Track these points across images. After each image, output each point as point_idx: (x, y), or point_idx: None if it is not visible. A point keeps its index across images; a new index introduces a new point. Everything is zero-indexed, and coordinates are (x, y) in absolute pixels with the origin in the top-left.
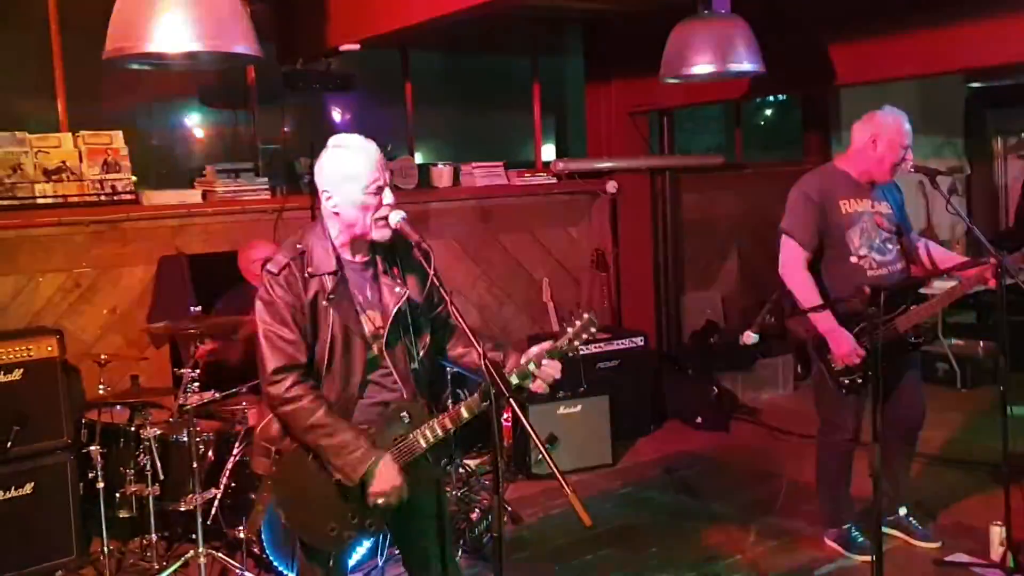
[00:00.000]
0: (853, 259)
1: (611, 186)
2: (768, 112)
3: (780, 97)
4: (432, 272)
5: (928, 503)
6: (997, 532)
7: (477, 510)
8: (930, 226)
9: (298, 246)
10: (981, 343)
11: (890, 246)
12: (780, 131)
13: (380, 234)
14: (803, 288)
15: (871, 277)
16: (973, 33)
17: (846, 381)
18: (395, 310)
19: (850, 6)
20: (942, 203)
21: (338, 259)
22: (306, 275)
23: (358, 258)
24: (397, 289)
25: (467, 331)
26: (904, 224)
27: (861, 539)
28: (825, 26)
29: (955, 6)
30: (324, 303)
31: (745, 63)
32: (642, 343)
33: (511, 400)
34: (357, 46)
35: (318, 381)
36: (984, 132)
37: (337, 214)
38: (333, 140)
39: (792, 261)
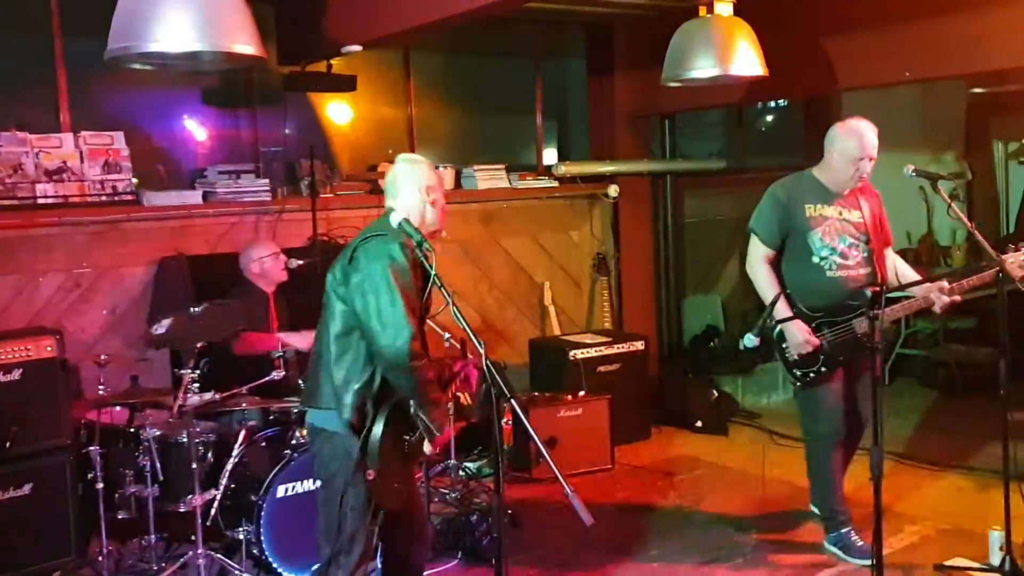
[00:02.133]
0: (814, 259)
1: (613, 190)
2: (770, 117)
3: (782, 102)
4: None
5: (929, 507)
6: (996, 537)
7: (477, 512)
8: (931, 231)
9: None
10: (982, 349)
11: (854, 252)
12: (782, 136)
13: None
14: (763, 282)
15: (829, 279)
16: (974, 38)
17: (798, 373)
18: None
19: (852, 10)
20: (943, 208)
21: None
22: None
23: None
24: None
25: (468, 330)
26: (880, 233)
27: (860, 543)
28: (827, 30)
29: (956, 11)
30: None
31: (747, 66)
32: (643, 347)
33: (512, 401)
34: (359, 47)
35: None
36: (986, 138)
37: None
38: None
39: (755, 256)
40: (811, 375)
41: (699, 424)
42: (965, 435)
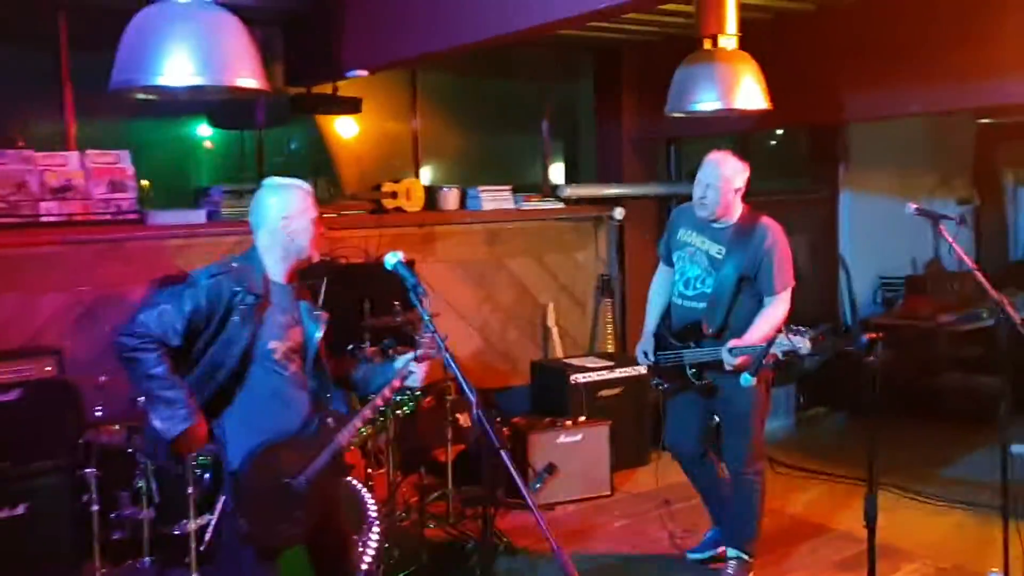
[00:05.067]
0: (675, 282)
1: (618, 212)
2: (775, 141)
3: None
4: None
5: (928, 545)
6: None
7: (472, 542)
8: (938, 257)
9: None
10: (984, 378)
11: (699, 284)
12: (787, 160)
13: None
14: (650, 292)
15: (672, 302)
16: (982, 72)
17: (653, 382)
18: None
19: (858, 43)
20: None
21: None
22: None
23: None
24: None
25: (460, 378)
26: (754, 278)
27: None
28: (833, 62)
29: (964, 45)
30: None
31: (750, 100)
32: (645, 371)
33: (501, 452)
34: (365, 72)
35: None
36: (994, 165)
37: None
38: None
39: (657, 271)
40: (660, 388)
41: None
42: (967, 469)
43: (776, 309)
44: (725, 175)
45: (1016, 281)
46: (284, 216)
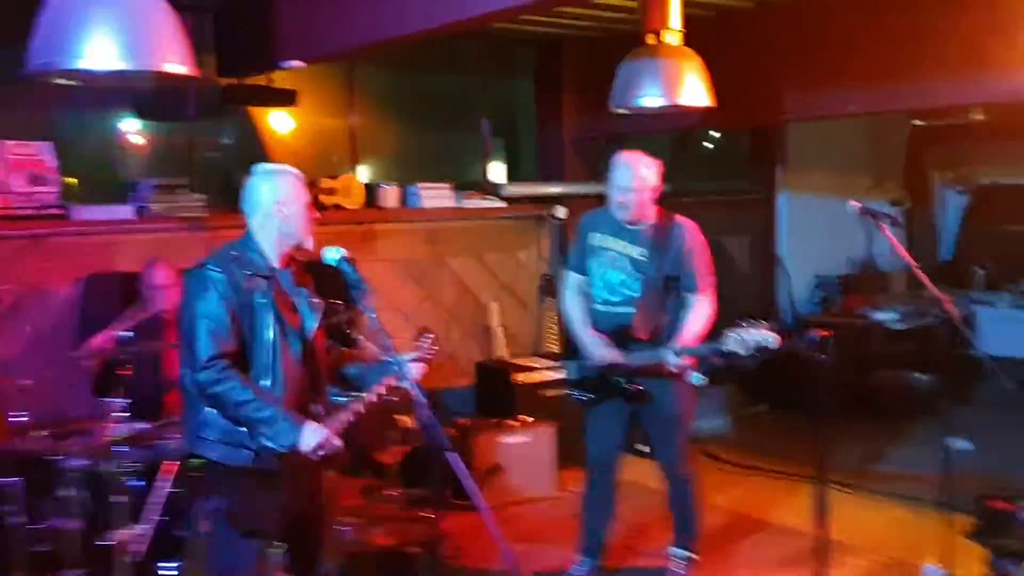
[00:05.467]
0: (593, 289)
1: (560, 211)
2: (715, 143)
3: None
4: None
5: (869, 538)
6: (932, 570)
7: (417, 545)
8: (871, 257)
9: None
10: (915, 374)
11: (624, 289)
12: (727, 160)
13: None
14: (565, 308)
15: (594, 310)
16: (918, 74)
17: (574, 394)
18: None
19: (798, 43)
20: (883, 238)
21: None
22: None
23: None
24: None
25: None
26: (678, 278)
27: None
28: (774, 62)
29: (901, 47)
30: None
31: (695, 97)
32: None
33: (451, 454)
34: (302, 64)
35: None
36: (924, 167)
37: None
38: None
39: (566, 280)
40: (582, 400)
41: (645, 449)
42: (903, 463)
43: (706, 306)
44: (642, 175)
45: (945, 280)
46: (277, 201)
